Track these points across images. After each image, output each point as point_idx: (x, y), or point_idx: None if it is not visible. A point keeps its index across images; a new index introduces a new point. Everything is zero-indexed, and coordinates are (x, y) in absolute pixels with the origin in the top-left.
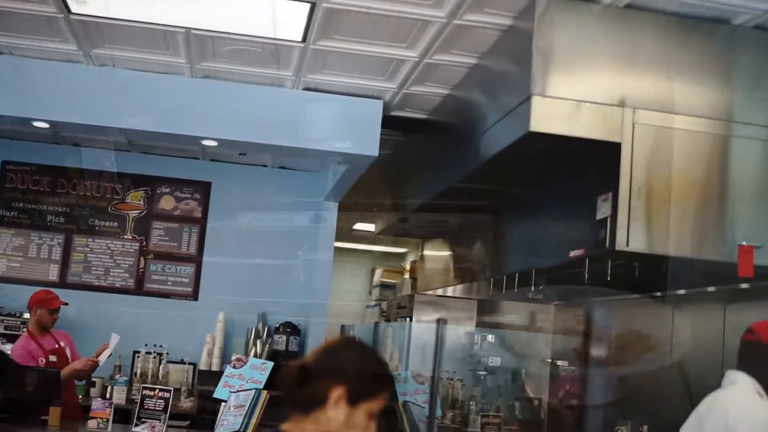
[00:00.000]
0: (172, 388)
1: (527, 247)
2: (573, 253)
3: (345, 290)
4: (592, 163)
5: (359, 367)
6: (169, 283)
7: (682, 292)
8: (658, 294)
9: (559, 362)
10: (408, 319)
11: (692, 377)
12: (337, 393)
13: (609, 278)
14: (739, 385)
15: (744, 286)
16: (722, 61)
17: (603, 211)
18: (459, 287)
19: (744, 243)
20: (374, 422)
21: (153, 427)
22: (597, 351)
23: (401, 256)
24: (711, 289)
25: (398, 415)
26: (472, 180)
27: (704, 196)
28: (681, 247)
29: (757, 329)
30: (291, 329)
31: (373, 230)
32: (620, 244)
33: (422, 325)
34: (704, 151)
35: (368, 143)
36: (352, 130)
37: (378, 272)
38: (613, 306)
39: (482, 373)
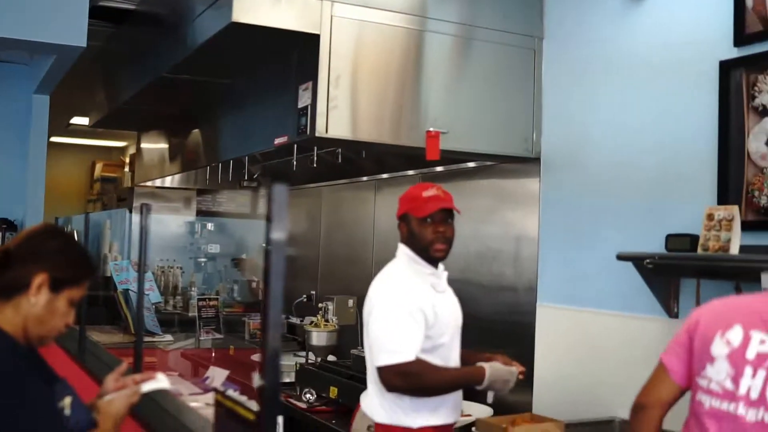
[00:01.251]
0: None
1: (238, 135)
2: (277, 141)
3: (65, 185)
4: (295, 54)
5: (62, 255)
6: None
7: (384, 176)
8: (364, 179)
9: None
10: (128, 210)
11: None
12: (39, 279)
13: (315, 165)
14: (397, 256)
15: (439, 168)
16: None
17: (304, 99)
18: (178, 178)
19: (431, 129)
20: (74, 310)
21: None
22: (307, 234)
23: (121, 150)
24: (410, 172)
25: (118, 303)
26: (182, 70)
27: (399, 86)
28: (378, 133)
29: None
30: (6, 225)
31: (87, 123)
32: (320, 130)
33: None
34: (399, 44)
35: (75, 33)
36: (57, 20)
37: (98, 166)
38: (323, 191)
39: (202, 260)
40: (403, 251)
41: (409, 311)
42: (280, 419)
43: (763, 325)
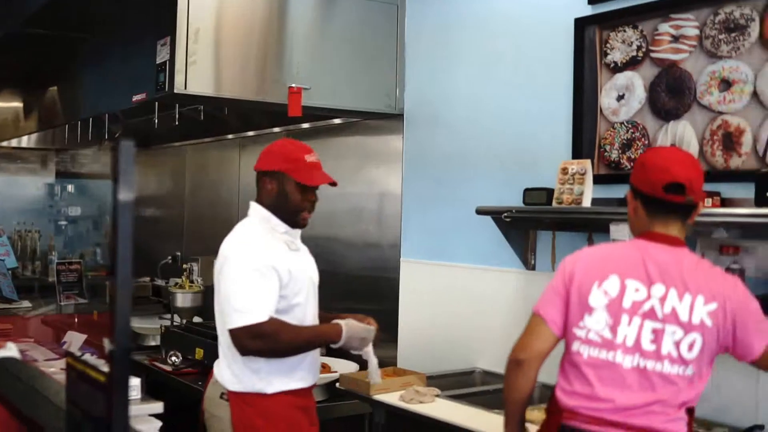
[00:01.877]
0: None
1: (97, 93)
2: (136, 98)
3: None
4: (152, 7)
5: None
6: None
7: (250, 133)
8: (229, 137)
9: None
10: None
11: None
12: None
13: (177, 123)
14: (249, 215)
15: (304, 125)
16: None
17: (162, 55)
18: (35, 137)
19: (294, 85)
20: None
21: None
22: (171, 194)
23: None
24: (276, 129)
25: None
26: (36, 24)
27: (262, 42)
28: (241, 89)
29: (270, 155)
30: None
31: None
32: (179, 87)
33: None
34: (261, 1)
35: None
36: None
37: None
38: (187, 150)
39: (63, 223)
40: (257, 210)
41: (261, 270)
42: (135, 381)
43: (636, 274)
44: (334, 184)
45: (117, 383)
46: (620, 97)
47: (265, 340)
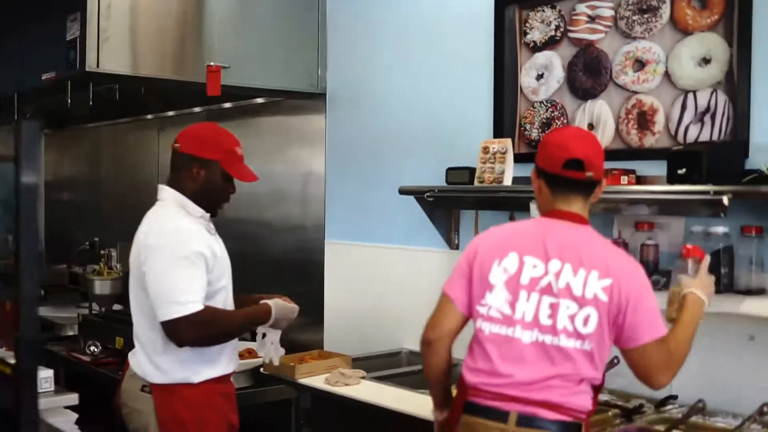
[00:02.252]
0: None
1: (4, 71)
2: (45, 76)
3: None
4: None
5: None
6: None
7: (170, 113)
8: (148, 117)
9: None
10: None
11: None
12: None
13: (92, 103)
14: (164, 200)
15: (226, 105)
16: None
17: (72, 31)
18: None
19: (213, 64)
20: None
21: None
22: (87, 177)
23: None
24: (196, 109)
25: None
26: None
27: (180, 18)
28: (159, 68)
29: (178, 137)
30: None
31: None
32: (90, 65)
33: None
34: None
35: None
36: None
37: None
38: (103, 131)
39: None
40: (172, 195)
41: (190, 258)
42: (47, 372)
43: (535, 251)
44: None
45: (24, 375)
46: (540, 77)
47: (203, 329)
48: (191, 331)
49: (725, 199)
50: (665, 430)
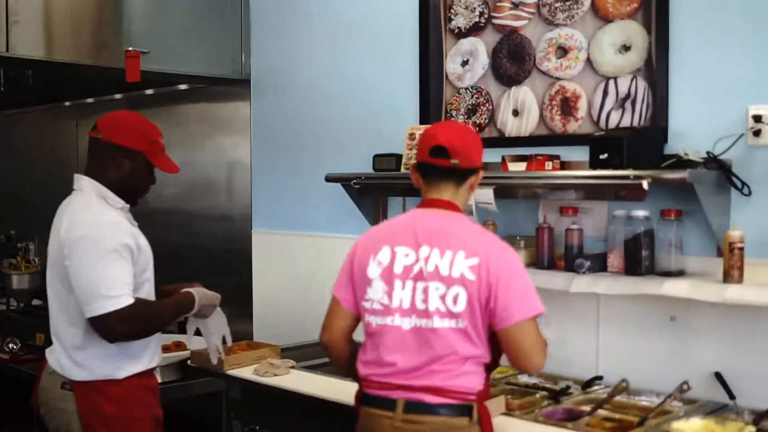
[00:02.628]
0: None
1: None
2: None
3: None
4: None
5: None
6: None
7: (89, 100)
8: (66, 104)
9: None
10: None
11: None
12: None
13: (3, 88)
14: (82, 190)
15: (148, 91)
16: None
17: None
18: None
19: (131, 49)
20: None
21: None
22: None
23: None
24: (117, 96)
25: None
26: None
27: (96, 2)
28: (75, 52)
29: (99, 125)
30: None
31: None
32: None
33: None
34: None
35: None
36: None
37: None
38: (18, 119)
39: None
40: (91, 185)
41: (118, 250)
42: None
43: (406, 240)
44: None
45: None
46: (465, 63)
47: (135, 323)
48: (123, 326)
49: (645, 184)
50: (591, 410)
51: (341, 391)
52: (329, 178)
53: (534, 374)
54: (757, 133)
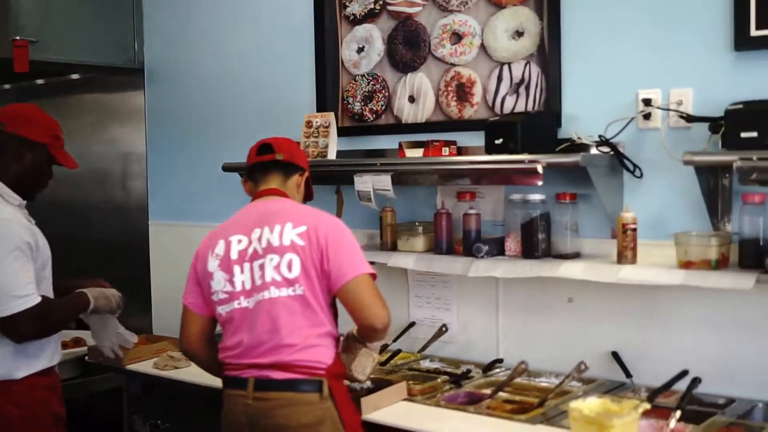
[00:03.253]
0: None
1: None
2: None
3: None
4: None
5: None
6: None
7: None
8: None
9: None
10: None
11: None
12: None
13: None
14: None
15: (39, 81)
16: None
17: None
18: None
19: (19, 38)
20: None
21: None
22: None
23: None
24: (6, 86)
25: None
26: None
27: None
28: None
29: (2, 117)
30: None
31: None
32: None
33: None
34: None
35: None
36: None
37: None
38: None
39: None
40: None
41: (21, 248)
42: None
43: (239, 229)
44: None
45: None
46: (360, 50)
47: (43, 321)
48: (31, 325)
49: (539, 168)
50: (492, 392)
51: None
52: (226, 168)
53: (380, 327)
54: (647, 116)
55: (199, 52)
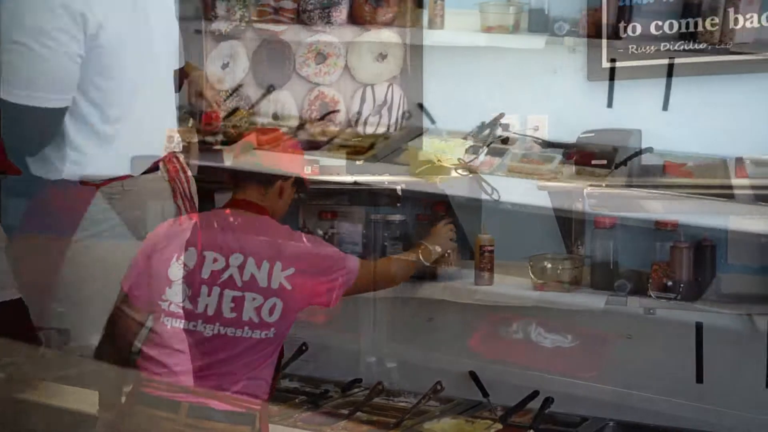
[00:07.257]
0: None
1: None
2: None
3: None
4: None
5: None
6: None
7: None
8: None
9: None
10: None
11: None
12: None
13: None
14: None
15: None
16: None
17: None
18: None
19: None
20: None
21: None
22: None
23: None
24: None
25: None
26: None
27: None
28: None
29: None
30: None
31: None
32: None
33: None
34: None
35: None
36: None
37: None
38: None
39: None
40: None
41: None
42: None
43: (213, 246)
44: None
45: None
46: (225, 66)
47: None
48: None
49: (398, 189)
50: (349, 413)
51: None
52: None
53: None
54: (505, 141)
55: None
